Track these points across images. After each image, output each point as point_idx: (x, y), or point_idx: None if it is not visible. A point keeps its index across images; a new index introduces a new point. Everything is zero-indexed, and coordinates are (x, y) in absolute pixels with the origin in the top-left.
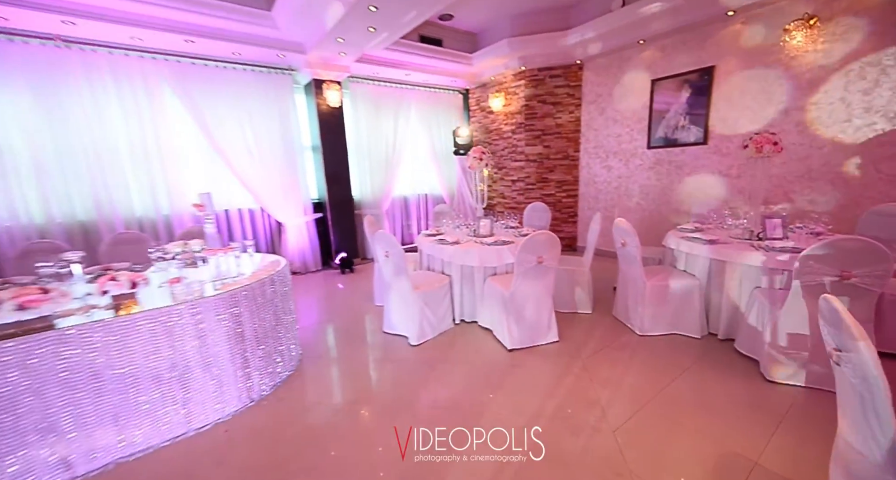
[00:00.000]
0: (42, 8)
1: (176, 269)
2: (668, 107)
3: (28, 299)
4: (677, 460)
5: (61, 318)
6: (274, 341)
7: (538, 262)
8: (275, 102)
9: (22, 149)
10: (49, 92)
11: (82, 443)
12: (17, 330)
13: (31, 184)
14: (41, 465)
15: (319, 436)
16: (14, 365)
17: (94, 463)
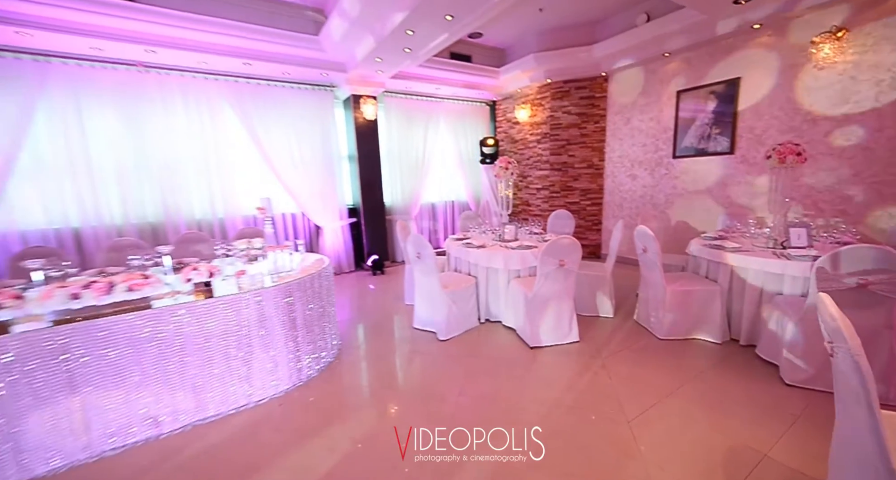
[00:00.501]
0: (130, 40)
1: (241, 263)
2: (694, 118)
3: (135, 283)
4: (688, 448)
5: (156, 300)
6: (319, 329)
7: (560, 265)
8: (317, 116)
9: (108, 160)
10: (131, 110)
11: (169, 405)
12: (126, 307)
13: (114, 191)
14: (139, 420)
15: (361, 413)
16: (122, 334)
17: (176, 423)
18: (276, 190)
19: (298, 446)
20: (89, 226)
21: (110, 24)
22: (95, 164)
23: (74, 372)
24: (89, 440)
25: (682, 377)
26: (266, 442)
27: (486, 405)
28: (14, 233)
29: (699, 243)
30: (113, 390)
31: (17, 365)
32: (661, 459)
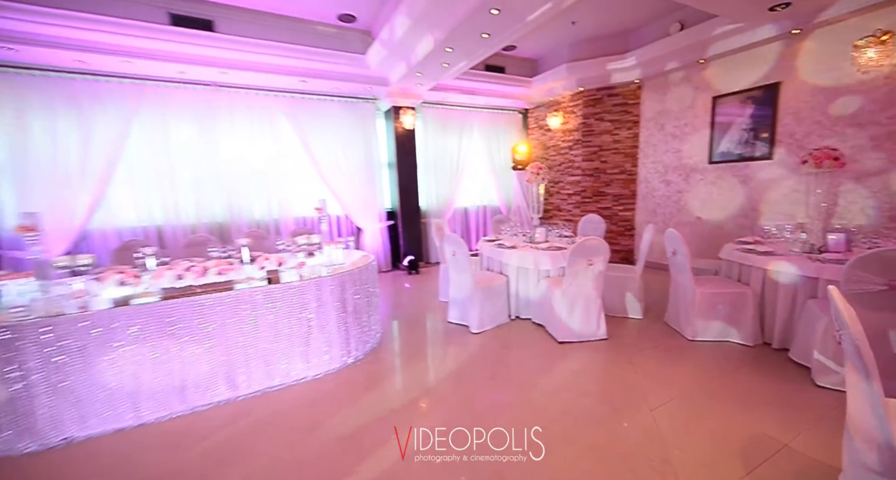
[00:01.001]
0: (209, 63)
1: (301, 256)
2: (730, 123)
3: (223, 268)
4: (708, 434)
5: (238, 283)
6: (366, 317)
7: (588, 265)
8: (360, 127)
9: (185, 168)
10: (205, 124)
11: (244, 373)
12: (215, 288)
13: (189, 194)
14: (222, 383)
15: (401, 391)
16: (212, 309)
17: (250, 389)
18: (324, 194)
19: (349, 414)
20: (169, 225)
21: (194, 52)
22: (176, 171)
23: (176, 339)
24: (185, 396)
25: (710, 374)
26: (323, 409)
27: (516, 389)
28: (112, 230)
29: (732, 247)
30: (203, 355)
31: (137, 330)
32: (681, 442)
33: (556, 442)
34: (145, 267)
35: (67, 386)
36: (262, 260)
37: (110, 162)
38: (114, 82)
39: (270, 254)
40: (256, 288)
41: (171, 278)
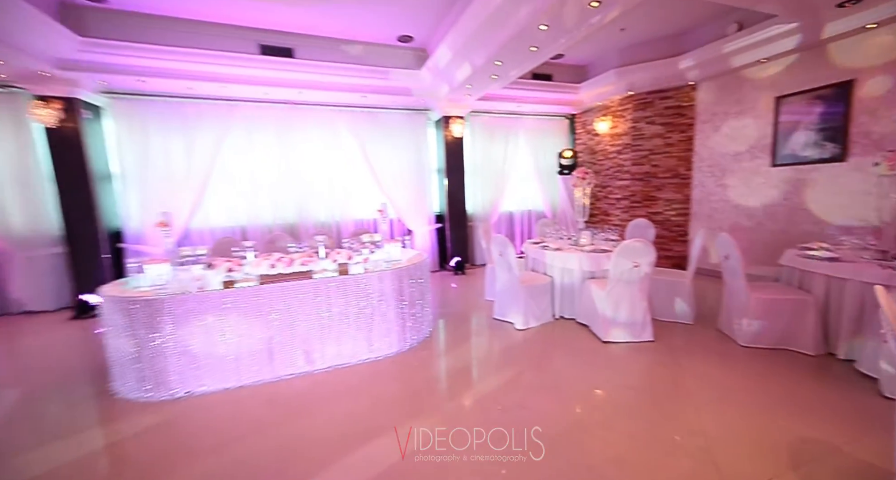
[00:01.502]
0: (290, 85)
1: (366, 252)
2: (796, 124)
3: (306, 259)
4: (755, 432)
5: (316, 273)
6: (420, 309)
7: (633, 266)
8: (412, 136)
9: (265, 176)
10: (282, 136)
11: (319, 350)
12: (299, 276)
13: (267, 199)
14: (301, 358)
15: (452, 376)
16: (296, 293)
17: (323, 364)
18: (379, 199)
19: (405, 391)
20: (251, 225)
21: (276, 76)
22: (257, 179)
23: (268, 317)
24: (273, 366)
25: (763, 379)
26: (383, 386)
27: (560, 381)
28: (207, 229)
29: (794, 253)
30: (287, 332)
31: (238, 308)
32: (724, 436)
33: (595, 427)
34: (244, 258)
35: (190, 351)
36: (334, 254)
37: (207, 171)
38: (212, 104)
39: (341, 249)
40: (330, 278)
41: (266, 267)
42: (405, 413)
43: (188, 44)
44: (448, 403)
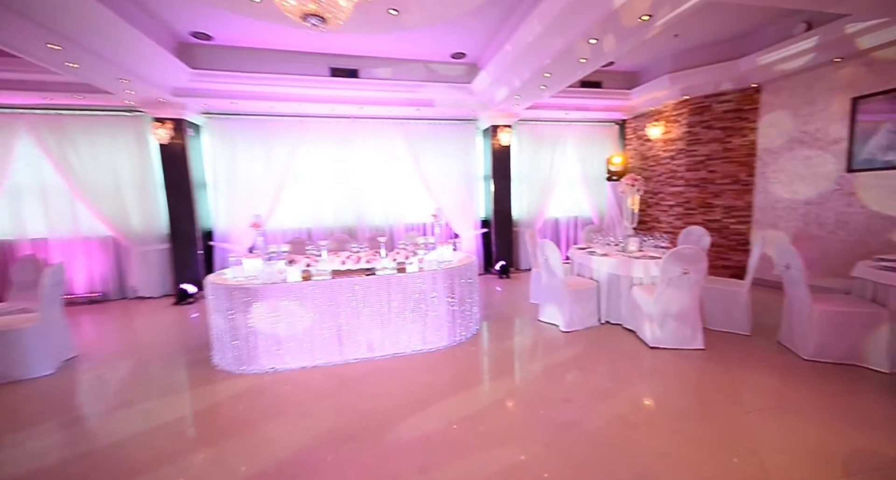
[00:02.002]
0: (352, 102)
1: (421, 252)
2: (876, 127)
3: (371, 257)
4: (808, 441)
5: (379, 270)
6: (468, 307)
7: (683, 273)
8: (461, 145)
9: (328, 182)
10: (343, 147)
11: (379, 339)
12: (363, 273)
13: (329, 204)
14: (363, 345)
15: (497, 369)
16: (361, 286)
17: (383, 351)
18: (429, 204)
19: (454, 378)
20: (315, 227)
21: (342, 94)
22: (320, 186)
23: (338, 307)
24: (342, 351)
25: (824, 393)
26: (434, 373)
27: (604, 380)
28: (278, 231)
29: (868, 265)
30: (354, 322)
31: (314, 298)
32: (774, 441)
33: (639, 423)
34: (320, 255)
35: (276, 333)
36: (393, 254)
37: (281, 179)
38: (287, 120)
39: (400, 249)
40: (390, 275)
41: (337, 263)
42: (452, 395)
43: (271, 70)
44: (493, 390)
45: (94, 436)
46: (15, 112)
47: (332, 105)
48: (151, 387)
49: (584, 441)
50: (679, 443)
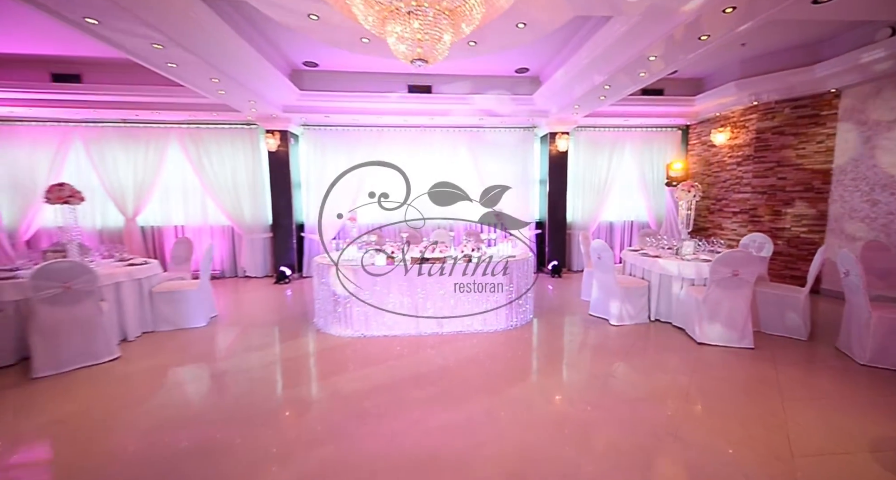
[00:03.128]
0: (424, 114)
1: (484, 246)
2: None
3: (443, 248)
4: (841, 424)
5: (449, 259)
6: (524, 297)
7: (733, 275)
8: (519, 150)
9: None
10: (415, 154)
11: (448, 319)
12: (438, 260)
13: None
14: (434, 321)
15: (548, 350)
16: (435, 273)
17: (450, 329)
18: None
19: (509, 354)
20: (386, 223)
21: (416, 107)
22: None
23: (416, 289)
24: (417, 325)
25: (872, 394)
26: (492, 349)
27: (649, 365)
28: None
29: None
30: (428, 302)
31: (397, 280)
32: (806, 420)
33: (678, 399)
34: (402, 244)
35: (365, 306)
36: (461, 246)
37: (360, 181)
38: (367, 130)
39: (466, 243)
40: (459, 264)
41: (417, 251)
42: (507, 363)
43: (361, 89)
44: (542, 366)
45: (244, 365)
46: (169, 126)
47: (406, 117)
48: (275, 337)
49: (624, 405)
50: (711, 415)
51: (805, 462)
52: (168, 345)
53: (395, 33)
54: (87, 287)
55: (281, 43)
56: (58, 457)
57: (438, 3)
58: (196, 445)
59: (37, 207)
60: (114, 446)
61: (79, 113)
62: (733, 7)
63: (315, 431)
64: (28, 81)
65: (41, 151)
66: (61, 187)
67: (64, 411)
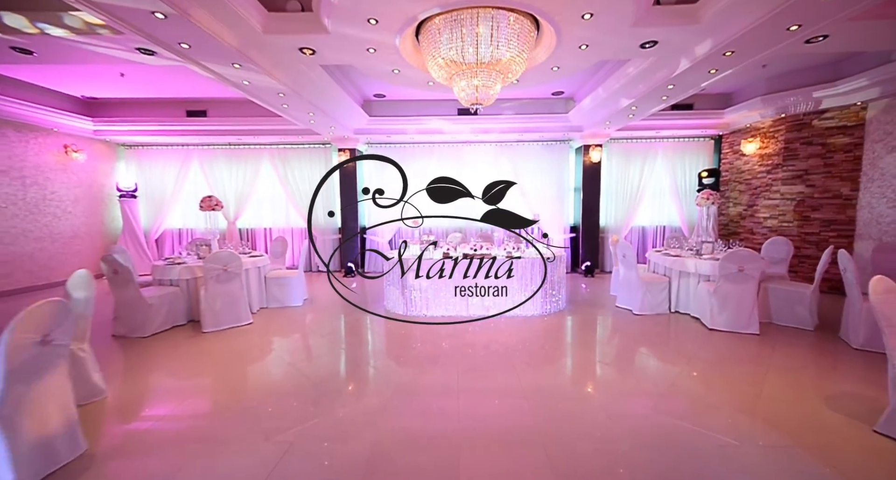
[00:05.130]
0: (472, 132)
1: (524, 246)
2: None
3: (488, 246)
4: (810, 386)
5: (493, 255)
6: (555, 290)
7: (739, 270)
8: (556, 161)
9: None
10: (461, 166)
11: (492, 303)
12: (484, 256)
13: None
14: (478, 306)
15: (575, 332)
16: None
17: (494, 311)
18: (526, 212)
19: (542, 334)
20: (436, 227)
21: (464, 127)
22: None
23: (464, 279)
24: (467, 308)
25: (855, 368)
26: (528, 330)
27: (662, 344)
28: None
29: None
30: (475, 290)
31: (452, 272)
32: (781, 382)
33: (678, 363)
34: (456, 243)
35: (425, 293)
36: (504, 245)
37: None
38: (420, 146)
39: (508, 243)
40: (502, 260)
41: (468, 248)
42: (541, 339)
43: (417, 113)
44: (572, 340)
45: (338, 332)
46: (262, 147)
47: (455, 134)
48: (357, 314)
49: (636, 370)
50: (705, 376)
51: (765, 403)
52: (279, 317)
53: (459, 85)
54: (236, 270)
55: (359, 82)
56: (218, 374)
57: (495, 67)
58: (313, 382)
59: (165, 213)
60: (262, 374)
61: (200, 139)
62: (732, 51)
63: (398, 371)
64: (169, 117)
65: (168, 169)
66: (210, 198)
67: (222, 351)
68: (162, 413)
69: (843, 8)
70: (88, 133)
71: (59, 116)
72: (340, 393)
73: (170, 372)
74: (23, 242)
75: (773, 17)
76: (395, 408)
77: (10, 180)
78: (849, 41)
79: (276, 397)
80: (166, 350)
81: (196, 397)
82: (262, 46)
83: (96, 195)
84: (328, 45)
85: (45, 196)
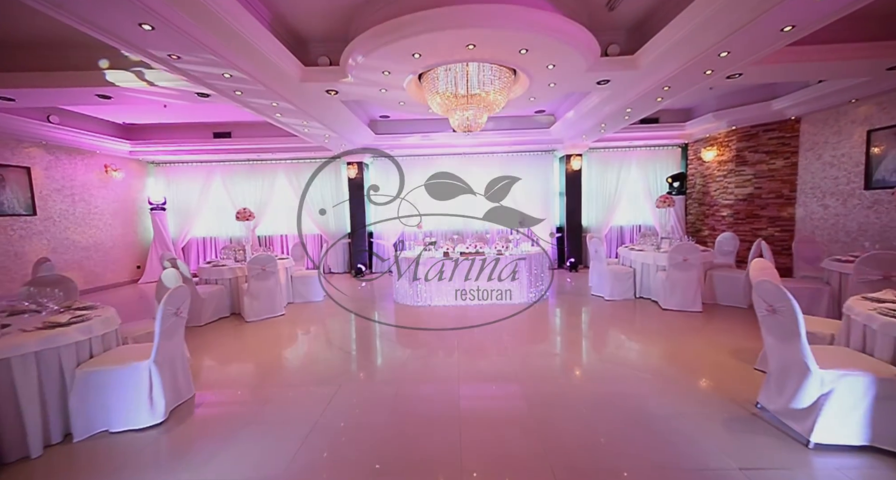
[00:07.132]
0: (468, 145)
1: (512, 245)
2: (885, 154)
3: (482, 246)
4: (727, 344)
5: (486, 253)
6: (541, 281)
7: (684, 260)
8: (542, 169)
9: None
10: (458, 174)
11: (486, 294)
12: (478, 254)
13: (445, 214)
14: (475, 297)
15: (557, 315)
16: (476, 263)
17: (487, 301)
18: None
19: (529, 318)
20: (436, 230)
21: (464, 141)
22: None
23: (462, 273)
24: (464, 297)
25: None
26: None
27: (624, 322)
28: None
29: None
30: (471, 283)
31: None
32: (706, 340)
33: (633, 333)
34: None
35: (428, 286)
36: (495, 244)
37: (414, 198)
38: (420, 158)
39: (497, 242)
40: (493, 257)
41: (465, 248)
42: (525, 319)
43: (418, 130)
44: (553, 319)
45: (357, 319)
46: (278, 162)
47: (455, 147)
48: (374, 305)
49: (602, 337)
50: (644, 339)
51: (682, 356)
52: (306, 310)
53: (454, 117)
54: (272, 269)
55: (368, 106)
56: (261, 355)
57: (482, 103)
58: (346, 351)
59: (191, 223)
60: (304, 346)
61: (223, 156)
62: (668, 86)
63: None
64: (198, 139)
65: (193, 183)
66: (245, 210)
67: (262, 337)
68: (238, 372)
69: (745, 57)
70: (125, 153)
71: (103, 140)
72: (367, 358)
73: (229, 350)
74: (73, 251)
75: (693, 64)
76: (409, 363)
77: (63, 197)
78: (760, 77)
79: (323, 359)
80: (220, 335)
81: (262, 362)
82: (298, 91)
83: (130, 208)
84: (349, 88)
85: (90, 210)
